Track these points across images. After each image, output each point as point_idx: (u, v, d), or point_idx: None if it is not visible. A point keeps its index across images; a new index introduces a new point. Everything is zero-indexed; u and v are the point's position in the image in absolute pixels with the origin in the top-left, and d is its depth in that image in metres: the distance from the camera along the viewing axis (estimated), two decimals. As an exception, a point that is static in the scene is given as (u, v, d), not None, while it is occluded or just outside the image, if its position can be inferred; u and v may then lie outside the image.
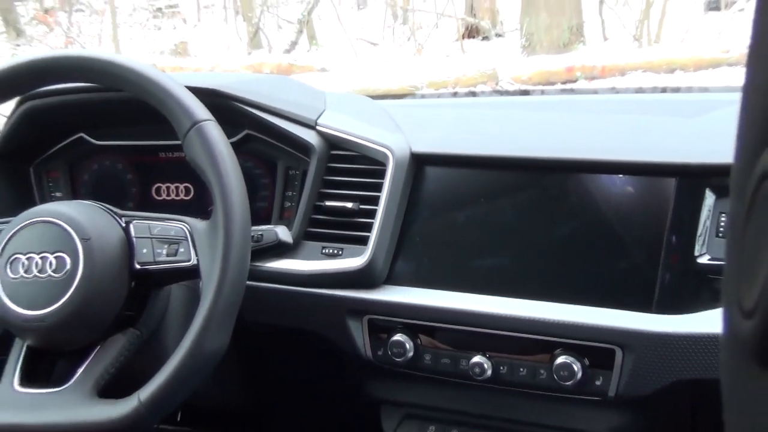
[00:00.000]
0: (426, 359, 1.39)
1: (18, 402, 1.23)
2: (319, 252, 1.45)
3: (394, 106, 1.65)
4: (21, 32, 11.88)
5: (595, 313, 1.29)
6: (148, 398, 1.18)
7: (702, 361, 1.22)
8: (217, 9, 12.77)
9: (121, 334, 1.30)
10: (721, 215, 1.28)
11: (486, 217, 1.42)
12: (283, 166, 1.54)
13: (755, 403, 0.28)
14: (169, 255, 1.27)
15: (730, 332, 0.31)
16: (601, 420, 1.36)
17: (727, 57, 7.91)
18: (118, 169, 1.65)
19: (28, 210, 1.31)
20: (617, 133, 1.44)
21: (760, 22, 0.31)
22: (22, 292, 1.24)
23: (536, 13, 9.49)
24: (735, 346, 0.30)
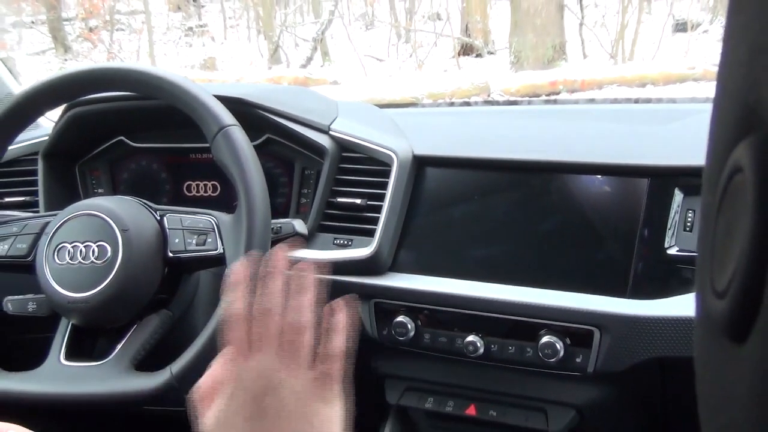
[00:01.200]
0: (425, 338, 1.39)
1: (64, 374, 1.23)
2: (331, 242, 1.45)
3: (398, 114, 1.65)
4: (68, 48, 11.88)
5: (575, 298, 1.29)
6: (179, 371, 1.18)
7: (670, 340, 1.22)
8: (242, 29, 12.75)
9: (155, 314, 1.30)
10: (688, 211, 1.28)
11: (479, 213, 1.42)
12: (300, 167, 1.54)
13: (727, 374, 0.27)
14: (198, 244, 1.27)
15: (704, 312, 0.30)
16: (581, 393, 1.35)
17: (693, 73, 7.90)
18: (154, 169, 1.65)
19: (74, 204, 1.31)
20: (596, 139, 1.44)
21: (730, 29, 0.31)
22: (68, 276, 1.24)
23: (524, 33, 9.50)
24: (708, 324, 0.29)
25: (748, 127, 0.27)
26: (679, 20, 10.32)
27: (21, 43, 11.96)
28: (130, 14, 12.74)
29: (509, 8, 10.09)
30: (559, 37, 9.57)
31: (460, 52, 10.57)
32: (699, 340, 0.32)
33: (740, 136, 0.27)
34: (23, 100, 1.35)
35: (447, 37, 10.94)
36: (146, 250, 1.26)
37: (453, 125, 1.62)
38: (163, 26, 12.92)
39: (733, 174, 0.27)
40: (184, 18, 13.45)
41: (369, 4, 12.64)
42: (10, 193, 1.66)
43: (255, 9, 12.23)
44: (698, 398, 0.31)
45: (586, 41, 9.93)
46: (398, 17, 11.72)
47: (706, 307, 0.29)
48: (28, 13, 12.52)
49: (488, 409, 1.43)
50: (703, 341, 0.31)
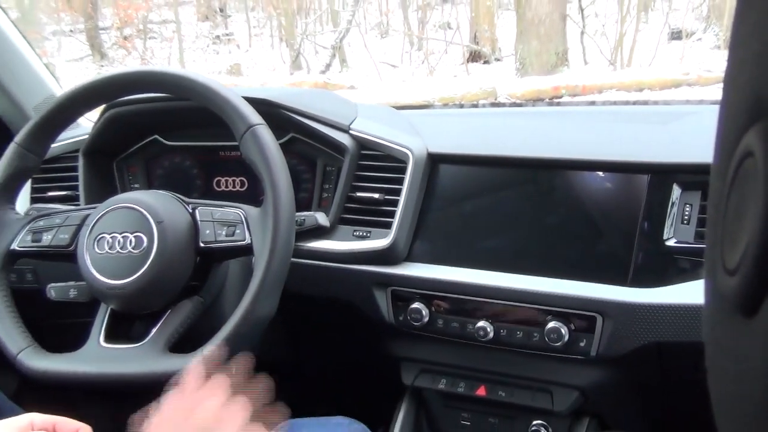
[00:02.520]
0: (439, 323, 1.39)
1: (103, 355, 1.24)
2: (351, 234, 1.45)
3: (413, 115, 1.65)
4: (104, 55, 11.92)
5: (579, 287, 1.29)
6: (210, 353, 1.18)
7: (668, 326, 1.22)
8: (265, 37, 12.77)
9: (188, 300, 1.30)
10: (686, 205, 1.27)
11: (489, 206, 1.42)
12: (322, 164, 1.54)
13: (738, 347, 0.27)
14: (227, 235, 1.27)
15: (714, 289, 0.30)
16: (584, 375, 1.35)
17: (687, 78, 7.87)
18: (186, 165, 1.65)
19: (112, 197, 1.31)
20: (597, 138, 1.43)
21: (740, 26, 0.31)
22: (107, 265, 1.24)
23: (528, 41, 9.47)
24: (719, 301, 0.29)
25: (757, 116, 0.27)
26: (674, 29, 10.28)
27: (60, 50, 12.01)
28: (161, 23, 12.77)
29: (515, 18, 10.08)
30: (561, 44, 9.54)
31: (468, 59, 10.56)
32: (709, 316, 0.31)
33: (749, 125, 0.27)
34: (65, 101, 1.35)
35: (457, 45, 10.92)
36: (179, 240, 1.27)
37: (463, 126, 1.62)
38: (192, 35, 12.94)
39: (743, 159, 0.27)
40: (212, 27, 13.47)
41: (384, 14, 12.64)
42: (53, 187, 1.67)
43: (278, 19, 12.24)
44: (708, 370, 0.31)
45: (587, 48, 9.90)
46: (411, 26, 11.71)
47: (716, 285, 0.29)
48: (66, 23, 12.57)
49: (497, 390, 1.43)
50: (713, 317, 0.31)
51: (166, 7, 12.63)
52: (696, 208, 1.27)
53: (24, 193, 1.64)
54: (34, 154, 1.36)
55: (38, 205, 1.64)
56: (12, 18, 1.68)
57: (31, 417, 1.00)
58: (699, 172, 1.28)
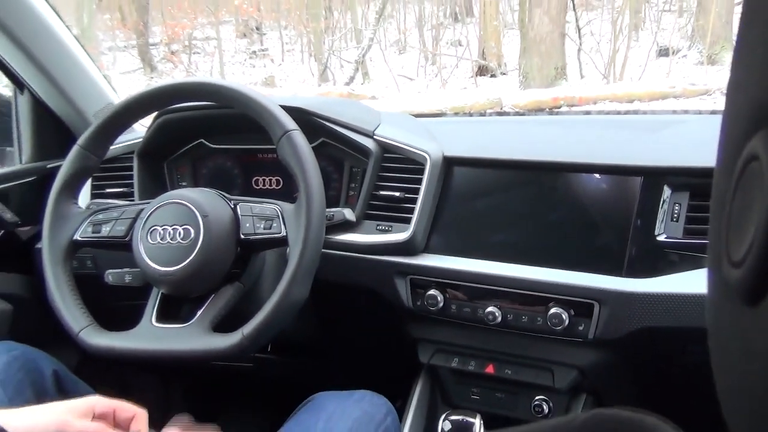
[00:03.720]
0: (452, 308, 1.38)
1: (155, 334, 1.24)
2: (375, 228, 1.45)
3: (429, 122, 1.65)
4: (154, 68, 11.98)
5: (579, 277, 1.28)
6: (249, 333, 1.18)
7: (659, 313, 1.22)
8: (296, 52, 12.78)
9: (230, 285, 1.30)
10: (675, 205, 1.27)
11: (498, 204, 1.41)
12: (349, 165, 1.54)
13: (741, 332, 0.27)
14: (265, 228, 1.27)
15: (718, 279, 0.29)
16: (583, 356, 1.34)
17: (673, 91, 7.82)
18: (228, 166, 1.66)
19: (163, 194, 1.32)
20: (594, 143, 1.43)
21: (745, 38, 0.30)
22: (158, 253, 1.25)
23: (531, 57, 9.44)
24: (723, 290, 0.29)
25: (761, 123, 0.26)
26: (662, 47, 10.21)
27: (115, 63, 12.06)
28: (204, 40, 12.81)
29: (519, 36, 10.04)
30: (560, 60, 9.51)
31: (477, 73, 10.53)
32: (712, 303, 0.31)
33: (754, 131, 0.27)
34: (122, 108, 1.36)
35: (466, 60, 10.90)
36: (222, 232, 1.27)
37: (473, 132, 1.61)
38: (231, 50, 12.97)
39: (748, 162, 0.27)
40: (249, 43, 13.49)
41: (402, 32, 12.61)
42: (111, 185, 1.67)
43: (307, 36, 12.25)
44: (711, 353, 0.31)
45: (583, 64, 9.86)
46: (426, 43, 11.69)
47: (721, 276, 0.29)
48: (121, 39, 12.63)
49: (504, 368, 1.42)
50: (716, 304, 0.30)
51: (208, 26, 12.66)
52: (684, 207, 1.26)
53: (85, 190, 1.66)
54: (94, 155, 1.37)
55: (98, 200, 1.65)
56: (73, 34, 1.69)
57: (94, 401, 1.00)
58: (687, 175, 1.27)
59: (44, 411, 0.95)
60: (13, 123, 1.77)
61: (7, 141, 1.78)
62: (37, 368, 1.17)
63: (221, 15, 12.74)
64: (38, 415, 0.94)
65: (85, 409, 0.98)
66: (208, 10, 12.46)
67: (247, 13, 13.09)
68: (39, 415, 0.94)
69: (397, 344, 1.53)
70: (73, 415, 0.95)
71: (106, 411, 1.00)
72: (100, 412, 1.00)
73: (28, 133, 1.76)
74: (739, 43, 0.31)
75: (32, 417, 0.93)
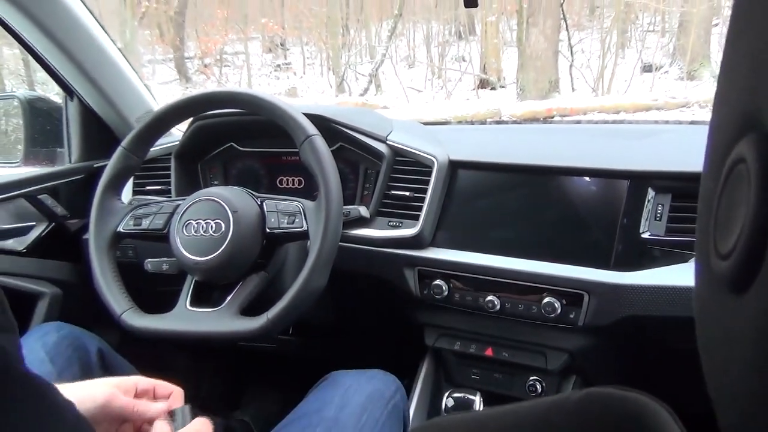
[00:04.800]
0: (456, 297, 1.38)
1: (189, 316, 1.24)
2: (387, 224, 1.45)
3: (435, 129, 1.65)
4: (189, 79, 11.99)
5: (570, 269, 1.28)
6: (273, 317, 1.18)
7: (642, 303, 1.21)
8: (316, 66, 12.78)
9: (256, 274, 1.30)
10: (658, 205, 1.26)
11: (498, 203, 1.41)
12: (364, 167, 1.54)
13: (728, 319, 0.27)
14: (288, 223, 1.27)
15: (706, 271, 0.29)
16: (573, 341, 1.34)
17: (656, 103, 7.77)
18: (255, 167, 1.66)
19: (197, 191, 1.32)
20: (584, 150, 1.42)
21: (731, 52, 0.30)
22: (192, 245, 1.25)
23: (527, 72, 9.41)
24: (710, 280, 0.28)
25: (747, 129, 0.26)
26: (646, 63, 10.15)
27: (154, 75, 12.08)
28: (234, 54, 12.82)
29: (517, 53, 10.01)
30: (554, 75, 9.47)
31: (478, 86, 10.49)
32: (700, 293, 0.31)
33: (740, 136, 0.27)
34: (161, 114, 1.36)
35: (469, 74, 10.87)
36: (250, 226, 1.27)
37: (476, 139, 1.61)
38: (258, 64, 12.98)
39: (735, 164, 0.27)
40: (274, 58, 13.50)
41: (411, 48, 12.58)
42: (151, 182, 1.68)
43: (326, 52, 12.25)
44: (698, 338, 0.30)
45: (575, 78, 9.81)
46: (433, 59, 11.66)
47: (708, 267, 0.28)
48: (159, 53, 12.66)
49: (502, 351, 1.42)
50: (704, 293, 0.30)
51: (238, 42, 12.66)
52: (666, 208, 1.26)
53: (127, 187, 1.66)
54: (136, 156, 1.37)
55: (139, 196, 1.66)
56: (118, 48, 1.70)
57: (137, 379, 1.01)
58: (669, 179, 1.27)
59: (92, 385, 0.96)
60: (64, 127, 1.78)
61: (58, 143, 1.79)
62: (84, 346, 1.18)
63: (249, 32, 12.76)
64: (87, 389, 0.94)
65: (129, 386, 0.99)
66: (237, 27, 12.47)
67: (273, 30, 13.10)
68: (88, 388, 0.95)
69: (405, 328, 1.53)
70: (119, 390, 0.96)
71: (147, 388, 1.01)
72: (142, 389, 1.00)
73: (76, 136, 1.77)
74: (725, 61, 0.31)
75: (82, 390, 0.94)
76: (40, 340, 1.14)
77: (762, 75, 0.25)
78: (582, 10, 12.00)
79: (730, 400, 0.26)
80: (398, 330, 1.59)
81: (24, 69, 8.53)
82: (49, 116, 1.81)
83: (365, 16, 12.52)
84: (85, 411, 0.92)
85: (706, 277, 0.29)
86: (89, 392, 0.94)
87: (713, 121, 0.31)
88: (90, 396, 0.93)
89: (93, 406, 0.92)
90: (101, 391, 0.94)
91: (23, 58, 7.78)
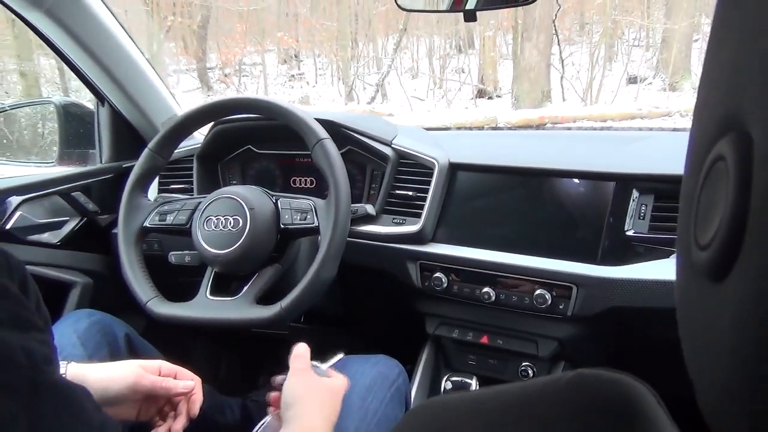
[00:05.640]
0: (455, 288, 1.38)
1: (209, 305, 1.25)
2: (391, 221, 1.45)
3: (437, 134, 1.64)
4: (210, 88, 11.99)
5: (560, 264, 1.28)
6: (286, 306, 1.19)
7: (626, 295, 1.21)
8: (327, 76, 12.77)
9: (270, 266, 1.30)
10: (642, 205, 1.26)
11: (494, 203, 1.40)
12: (370, 169, 1.54)
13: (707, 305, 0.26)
14: (301, 219, 1.27)
15: (686, 261, 0.29)
16: (562, 329, 1.34)
17: (640, 112, 7.75)
18: (271, 167, 1.66)
19: (217, 190, 1.32)
20: (574, 154, 1.42)
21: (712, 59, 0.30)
22: (212, 239, 1.25)
23: (522, 83, 9.39)
24: (690, 269, 0.28)
25: (726, 129, 0.26)
26: (631, 75, 10.13)
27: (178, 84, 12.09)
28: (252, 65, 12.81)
29: (512, 65, 10.00)
30: (546, 86, 9.45)
31: (476, 96, 10.47)
32: (681, 282, 0.31)
33: (721, 135, 0.26)
34: (185, 119, 1.36)
35: (468, 85, 10.85)
36: (265, 222, 1.27)
37: (473, 143, 1.61)
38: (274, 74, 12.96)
39: (715, 162, 0.27)
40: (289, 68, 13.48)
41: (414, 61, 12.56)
42: (175, 181, 1.68)
43: (337, 63, 12.23)
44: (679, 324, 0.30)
45: (565, 89, 9.79)
46: (434, 70, 11.64)
47: (689, 257, 0.28)
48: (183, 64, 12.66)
49: (496, 339, 1.42)
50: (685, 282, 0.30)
51: (255, 54, 12.65)
52: (649, 208, 1.25)
53: (153, 185, 1.67)
54: (161, 157, 1.38)
55: (164, 194, 1.66)
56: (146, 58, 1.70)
57: (160, 363, 1.01)
58: (652, 181, 1.26)
59: (121, 366, 0.96)
60: (95, 130, 1.78)
61: (90, 144, 1.80)
62: (112, 332, 1.18)
63: (266, 45, 12.75)
64: (117, 369, 0.95)
65: (154, 368, 0.99)
66: (255, 40, 12.46)
67: (288, 43, 13.09)
68: (117, 369, 0.95)
69: (408, 317, 1.53)
70: (145, 371, 0.97)
71: (170, 372, 1.01)
72: (165, 372, 1.01)
73: (107, 138, 1.77)
74: (706, 69, 0.30)
75: (112, 370, 0.94)
76: (73, 326, 1.15)
77: (742, 79, 0.25)
78: (572, 26, 11.96)
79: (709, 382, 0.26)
80: (401, 319, 1.59)
81: (59, 77, 8.54)
82: (82, 120, 1.82)
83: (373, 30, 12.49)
84: (116, 390, 0.93)
85: (686, 267, 0.29)
86: (119, 372, 0.95)
87: (694, 125, 0.31)
88: (121, 375, 0.94)
89: (124, 385, 0.93)
90: (131, 371, 0.95)
91: (59, 67, 7.79)
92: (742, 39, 0.26)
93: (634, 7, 10.58)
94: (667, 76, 9.68)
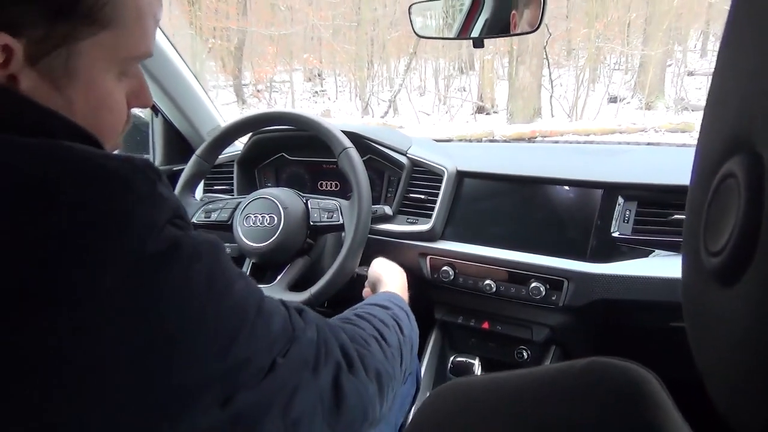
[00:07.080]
0: (460, 280, 1.37)
1: None
2: (405, 221, 1.44)
3: (446, 145, 1.64)
4: (245, 102, 12.00)
5: (554, 260, 1.27)
6: (315, 292, 1.19)
7: (611, 288, 1.21)
8: (346, 93, 12.78)
9: (301, 258, 1.30)
10: (626, 210, 1.25)
11: (496, 206, 1.40)
12: (388, 175, 1.53)
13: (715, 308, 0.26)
14: (328, 218, 1.27)
15: (695, 265, 0.28)
16: (554, 318, 1.33)
17: (620, 128, 7.69)
18: (301, 172, 1.66)
19: (255, 192, 1.33)
20: (563, 164, 1.41)
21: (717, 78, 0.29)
22: (251, 234, 1.25)
23: (516, 100, 9.36)
24: (700, 274, 0.28)
25: (736, 149, 0.25)
26: (612, 95, 10.06)
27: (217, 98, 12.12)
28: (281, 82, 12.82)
29: (507, 85, 9.96)
30: (537, 103, 9.41)
31: (476, 111, 10.44)
32: (689, 283, 0.30)
33: (730, 155, 0.26)
34: (228, 129, 1.37)
35: (468, 102, 10.81)
36: (297, 219, 1.27)
37: (478, 154, 1.60)
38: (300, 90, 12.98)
39: (725, 179, 0.26)
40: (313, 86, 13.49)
41: (422, 80, 12.54)
42: (218, 183, 1.68)
43: (355, 81, 12.23)
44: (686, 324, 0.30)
45: (554, 107, 9.74)
46: (440, 89, 11.62)
47: (698, 261, 0.28)
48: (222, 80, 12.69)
49: (496, 325, 1.41)
50: (692, 283, 0.29)
51: (284, 72, 12.67)
52: (633, 212, 1.24)
53: (199, 187, 1.67)
54: (207, 162, 1.38)
55: (208, 194, 1.66)
56: (193, 75, 1.71)
57: None
58: (635, 189, 1.26)
59: None
60: (150, 137, 1.79)
61: (145, 150, 1.80)
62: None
63: (293, 65, 12.78)
64: None
65: None
66: (284, 60, 12.49)
67: (312, 63, 13.10)
68: None
69: (418, 304, 1.52)
70: None
71: None
72: None
73: (159, 145, 1.78)
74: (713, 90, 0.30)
75: None
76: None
77: (752, 104, 0.24)
78: (561, 52, 11.91)
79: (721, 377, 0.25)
80: (413, 306, 1.58)
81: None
82: (138, 129, 1.83)
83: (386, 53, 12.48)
84: None
85: (695, 270, 0.29)
86: None
87: (701, 142, 0.30)
88: None
89: None
90: None
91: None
92: (749, 65, 0.25)
93: (615, 36, 10.50)
94: (644, 96, 9.62)
